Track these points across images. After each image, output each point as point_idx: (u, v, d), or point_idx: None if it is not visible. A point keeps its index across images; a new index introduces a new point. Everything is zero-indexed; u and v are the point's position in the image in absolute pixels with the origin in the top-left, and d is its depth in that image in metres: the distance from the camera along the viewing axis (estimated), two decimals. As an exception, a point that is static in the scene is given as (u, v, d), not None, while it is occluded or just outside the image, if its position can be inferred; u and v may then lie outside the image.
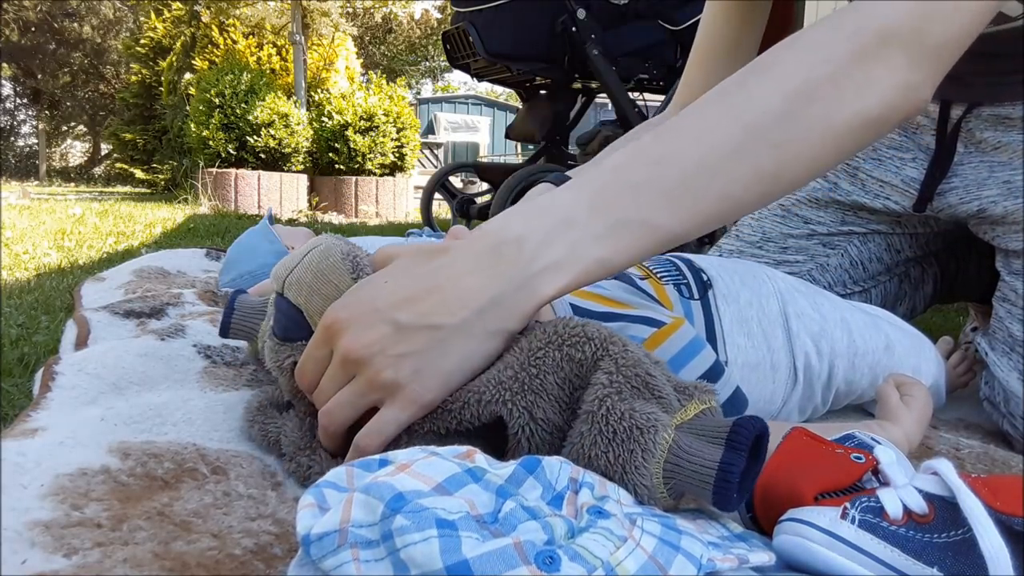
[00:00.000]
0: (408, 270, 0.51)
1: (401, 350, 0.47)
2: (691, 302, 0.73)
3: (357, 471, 0.38)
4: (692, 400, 0.47)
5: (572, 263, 0.49)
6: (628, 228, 0.50)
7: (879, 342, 0.79)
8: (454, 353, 0.48)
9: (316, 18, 5.65)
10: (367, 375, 0.48)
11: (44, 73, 16.01)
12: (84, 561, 0.40)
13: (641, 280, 0.74)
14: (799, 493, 0.45)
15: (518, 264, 0.49)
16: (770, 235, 1.07)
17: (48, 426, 0.57)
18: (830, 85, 0.52)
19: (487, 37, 2.27)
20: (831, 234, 1.05)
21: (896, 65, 0.53)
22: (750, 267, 0.81)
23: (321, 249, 0.55)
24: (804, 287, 0.80)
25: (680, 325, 0.65)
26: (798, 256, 1.05)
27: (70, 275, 1.50)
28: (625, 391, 0.45)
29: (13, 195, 4.70)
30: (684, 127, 0.54)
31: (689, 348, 0.63)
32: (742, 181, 0.52)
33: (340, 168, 5.16)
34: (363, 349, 0.48)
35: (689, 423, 0.44)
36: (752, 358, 0.72)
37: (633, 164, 0.52)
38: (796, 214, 1.07)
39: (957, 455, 0.71)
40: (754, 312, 0.74)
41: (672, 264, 0.77)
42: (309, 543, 0.34)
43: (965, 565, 0.39)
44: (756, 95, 0.53)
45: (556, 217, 0.50)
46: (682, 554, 0.35)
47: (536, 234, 0.49)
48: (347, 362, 0.49)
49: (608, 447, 0.43)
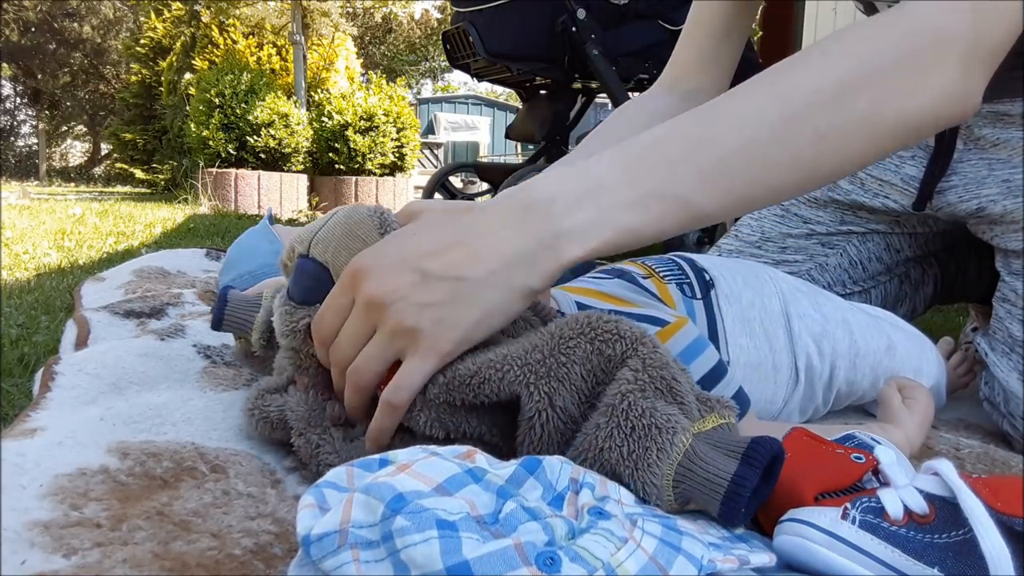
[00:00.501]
0: (436, 224, 0.51)
1: (425, 299, 0.48)
2: (693, 301, 0.73)
3: (357, 471, 0.38)
4: (712, 412, 0.47)
5: (600, 227, 0.49)
6: (660, 200, 0.50)
7: (881, 343, 0.79)
8: (476, 306, 0.48)
9: (316, 18, 5.65)
10: (389, 323, 0.48)
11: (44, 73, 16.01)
12: (84, 561, 0.40)
13: (644, 279, 0.74)
14: (799, 493, 0.45)
15: (546, 223, 0.49)
16: (769, 235, 1.07)
17: (47, 426, 0.56)
18: (881, 79, 0.52)
19: (487, 37, 2.27)
20: (830, 234, 1.05)
21: (949, 71, 0.53)
22: (752, 267, 0.81)
23: (347, 209, 0.56)
24: (806, 287, 0.80)
25: (684, 324, 0.64)
26: (797, 256, 1.05)
27: (70, 275, 1.50)
28: (649, 390, 0.45)
29: (13, 195, 4.70)
30: (728, 109, 0.54)
31: (693, 347, 0.63)
32: (780, 168, 0.52)
33: (340, 168, 5.16)
34: (387, 295, 0.48)
35: (707, 434, 0.44)
36: (754, 358, 0.72)
37: (672, 139, 0.52)
38: (795, 214, 1.07)
39: (957, 455, 0.71)
40: (756, 312, 0.74)
41: (674, 263, 0.77)
42: (309, 543, 0.34)
43: (966, 566, 0.39)
44: (804, 81, 0.53)
45: (589, 181, 0.51)
46: (683, 555, 0.35)
47: (567, 196, 0.50)
48: (370, 307, 0.49)
49: (624, 441, 0.43)
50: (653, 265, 0.77)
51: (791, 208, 1.07)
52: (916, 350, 0.83)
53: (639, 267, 0.76)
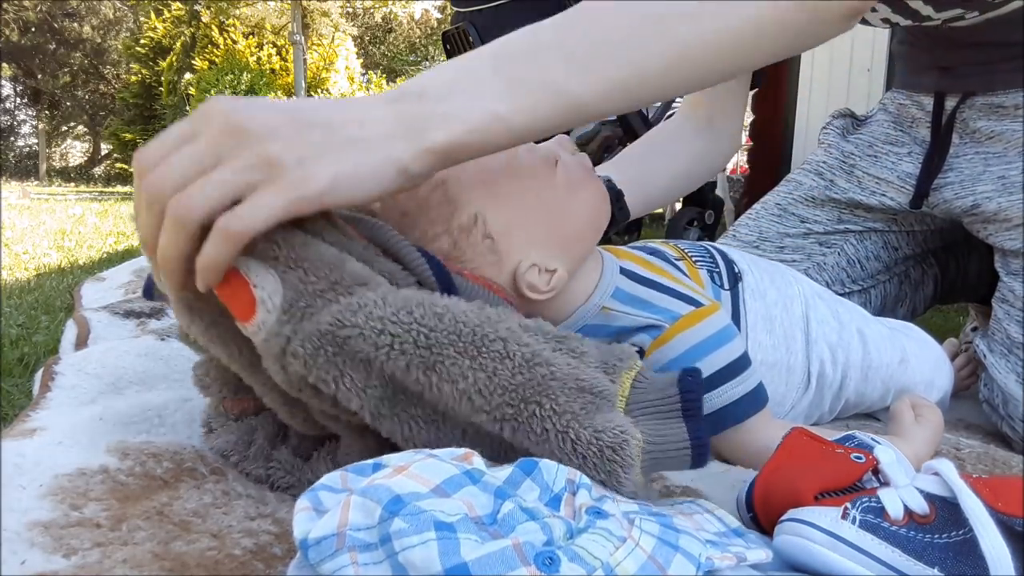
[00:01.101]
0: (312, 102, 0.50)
1: (294, 138, 0.43)
2: (721, 291, 0.72)
3: (351, 475, 0.38)
4: (620, 372, 0.46)
5: (468, 113, 0.48)
6: (527, 87, 0.50)
7: (894, 356, 0.78)
8: (348, 160, 0.45)
9: (316, 18, 5.66)
10: (244, 154, 0.42)
11: (44, 73, 16.02)
12: (83, 561, 0.40)
13: (677, 260, 0.73)
14: (799, 493, 0.45)
15: (415, 106, 0.48)
16: (767, 234, 1.07)
17: (47, 426, 0.56)
18: None
19: (487, 37, 2.26)
20: (827, 232, 1.05)
21: None
22: (779, 268, 0.81)
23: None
24: (827, 294, 0.80)
25: (716, 309, 0.65)
26: (795, 255, 1.05)
27: (70, 275, 1.50)
28: (576, 409, 0.43)
29: (13, 195, 4.70)
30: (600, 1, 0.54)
31: (722, 333, 0.63)
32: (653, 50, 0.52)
33: (340, 168, 5.16)
34: (252, 124, 0.42)
35: (633, 400, 0.44)
36: (771, 357, 0.72)
37: (544, 27, 0.53)
38: (793, 213, 1.07)
39: (957, 455, 0.71)
40: (779, 312, 0.74)
41: (707, 251, 0.77)
42: (307, 547, 0.33)
43: (966, 566, 0.39)
44: None
45: (460, 72, 0.50)
46: (681, 553, 0.35)
47: (437, 85, 0.49)
48: (224, 135, 0.42)
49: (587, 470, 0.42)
50: (686, 249, 0.76)
51: (789, 208, 1.07)
52: (930, 362, 0.83)
53: (672, 248, 0.75)
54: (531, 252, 0.60)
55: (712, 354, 0.62)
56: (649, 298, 0.65)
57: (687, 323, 0.63)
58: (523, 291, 0.60)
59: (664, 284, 0.66)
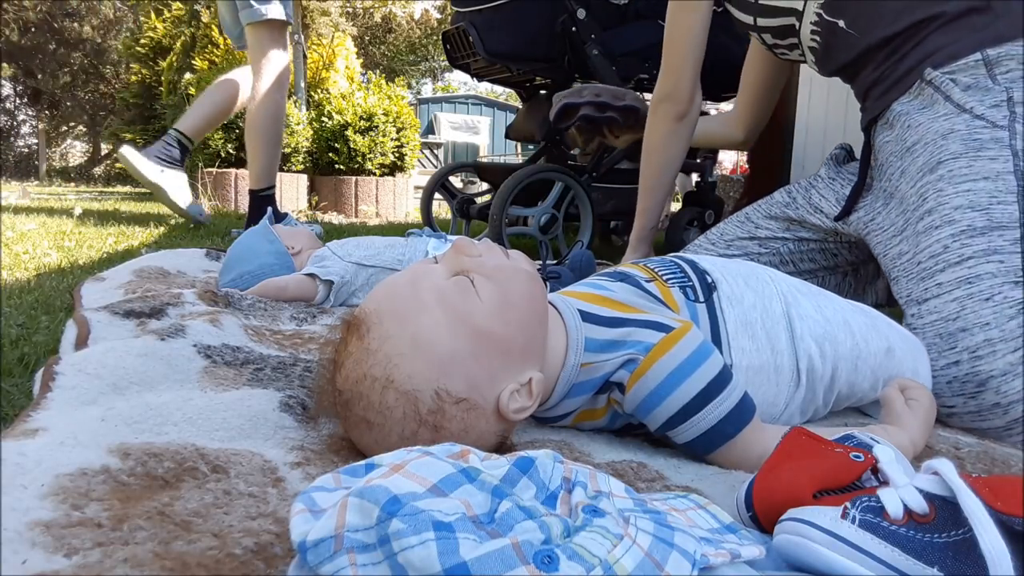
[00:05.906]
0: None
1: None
2: (696, 305, 0.73)
3: (344, 476, 0.38)
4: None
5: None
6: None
7: (881, 345, 0.79)
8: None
9: (316, 18, 5.65)
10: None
11: (44, 73, 16.00)
12: (84, 561, 0.40)
13: (647, 282, 0.73)
14: (799, 492, 0.45)
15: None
16: (725, 236, 1.33)
17: (48, 426, 0.57)
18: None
19: (487, 37, 2.27)
20: (768, 238, 1.29)
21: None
22: (752, 268, 0.81)
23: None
24: (806, 288, 0.80)
25: (689, 330, 0.64)
26: (735, 252, 1.28)
27: (70, 275, 1.50)
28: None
29: (13, 195, 4.70)
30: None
31: (698, 353, 0.63)
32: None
33: (340, 168, 5.15)
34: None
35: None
36: (756, 361, 0.72)
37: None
38: (752, 221, 1.32)
39: (957, 455, 0.71)
40: (758, 314, 0.74)
41: (677, 265, 0.77)
42: (305, 550, 0.33)
43: (966, 565, 0.39)
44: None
45: None
46: (677, 551, 0.35)
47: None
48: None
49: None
50: (655, 268, 0.77)
51: (752, 216, 1.32)
52: (911, 351, 0.83)
53: (642, 270, 0.76)
54: (502, 381, 0.59)
55: (691, 377, 0.62)
56: (619, 337, 0.65)
57: (661, 350, 0.63)
58: (516, 418, 0.60)
59: (628, 318, 0.67)
